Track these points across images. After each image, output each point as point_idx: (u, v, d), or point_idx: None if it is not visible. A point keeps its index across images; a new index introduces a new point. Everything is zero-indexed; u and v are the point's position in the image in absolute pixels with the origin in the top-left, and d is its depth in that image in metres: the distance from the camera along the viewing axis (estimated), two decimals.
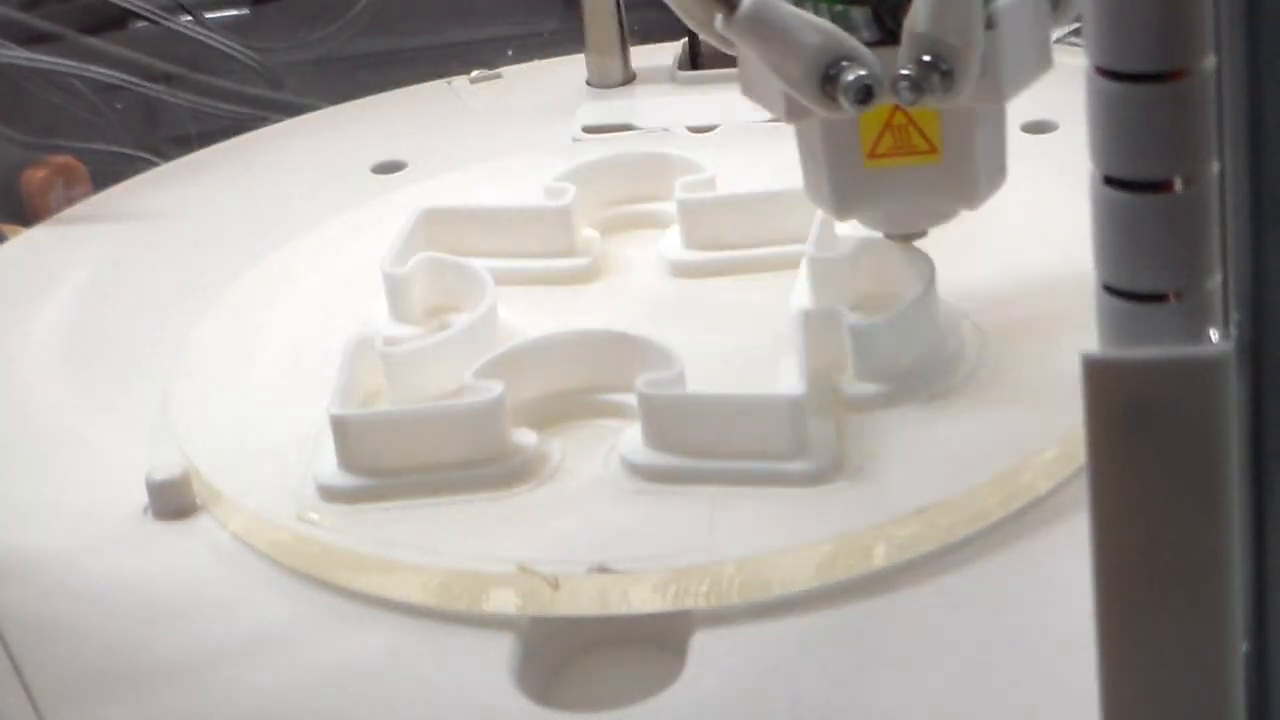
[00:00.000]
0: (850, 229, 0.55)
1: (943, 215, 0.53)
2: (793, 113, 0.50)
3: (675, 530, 0.48)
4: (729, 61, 0.53)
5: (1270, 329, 0.31)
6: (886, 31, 0.49)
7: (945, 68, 0.47)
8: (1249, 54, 0.30)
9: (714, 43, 0.52)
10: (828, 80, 0.48)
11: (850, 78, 0.47)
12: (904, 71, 0.47)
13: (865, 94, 0.47)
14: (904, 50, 0.48)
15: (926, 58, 0.47)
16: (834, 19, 0.49)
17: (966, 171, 0.51)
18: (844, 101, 0.47)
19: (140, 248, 0.69)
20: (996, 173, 0.52)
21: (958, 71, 0.47)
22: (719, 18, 0.49)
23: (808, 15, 0.48)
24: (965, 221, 0.59)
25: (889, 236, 0.54)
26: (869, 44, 0.48)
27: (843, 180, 0.51)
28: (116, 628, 0.49)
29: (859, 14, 0.49)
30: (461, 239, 0.60)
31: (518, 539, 0.48)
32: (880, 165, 0.51)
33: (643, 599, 0.47)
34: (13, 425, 0.59)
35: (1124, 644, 0.33)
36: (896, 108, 0.49)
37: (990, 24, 0.48)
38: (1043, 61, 0.51)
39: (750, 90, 0.51)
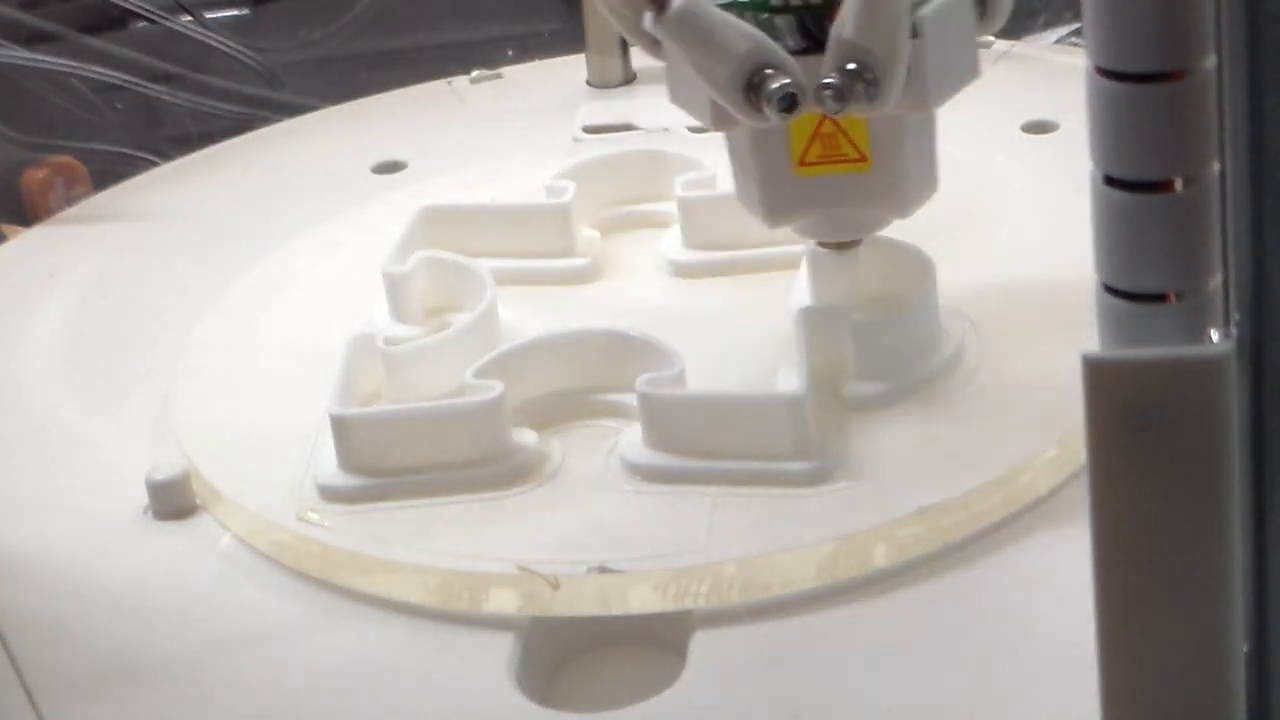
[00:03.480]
0: None
1: (874, 223, 0.52)
2: (720, 121, 0.49)
3: (675, 530, 0.48)
4: None
5: (1270, 329, 0.31)
6: (811, 40, 0.48)
7: (870, 76, 0.47)
8: (1249, 54, 0.30)
9: (638, 44, 0.51)
10: (752, 88, 0.47)
11: (774, 86, 0.46)
12: (828, 80, 0.47)
13: (789, 103, 0.47)
14: (829, 58, 0.47)
15: (851, 66, 0.47)
16: (758, 26, 0.48)
17: (895, 180, 0.51)
18: (768, 110, 0.47)
19: (140, 248, 0.69)
20: (927, 181, 0.52)
21: (883, 80, 0.47)
22: (648, 16, 0.48)
23: (736, 20, 0.47)
24: (965, 222, 0.59)
25: (821, 245, 0.53)
26: (794, 52, 0.48)
27: (772, 188, 0.51)
28: (116, 628, 0.49)
29: (783, 22, 0.49)
30: (461, 238, 0.60)
31: (518, 539, 0.48)
32: (810, 174, 0.51)
33: (643, 599, 0.47)
34: (13, 425, 0.59)
35: (1124, 644, 0.33)
36: (825, 116, 0.49)
37: (916, 32, 0.47)
38: (969, 70, 0.50)
39: (677, 96, 0.51)
